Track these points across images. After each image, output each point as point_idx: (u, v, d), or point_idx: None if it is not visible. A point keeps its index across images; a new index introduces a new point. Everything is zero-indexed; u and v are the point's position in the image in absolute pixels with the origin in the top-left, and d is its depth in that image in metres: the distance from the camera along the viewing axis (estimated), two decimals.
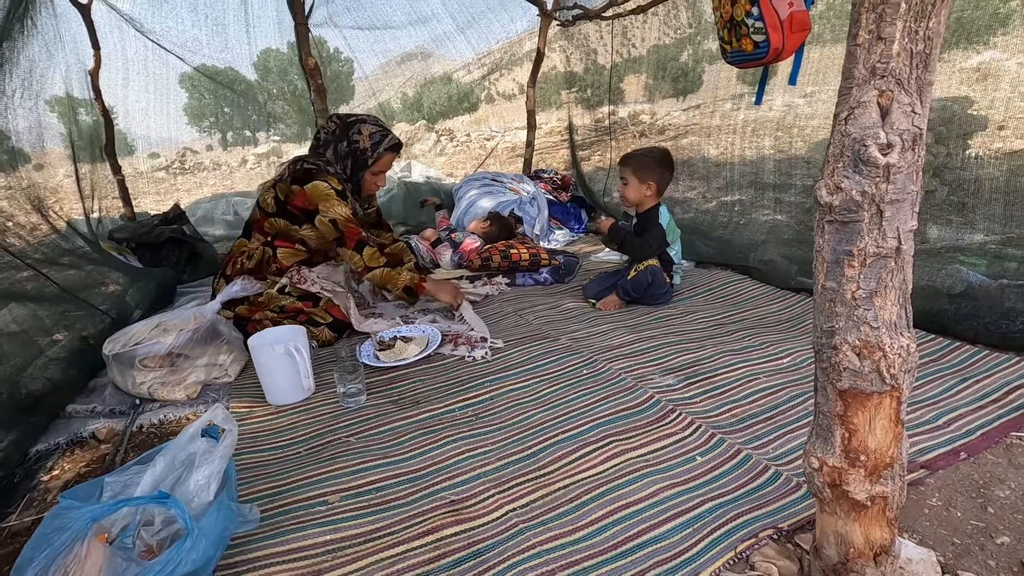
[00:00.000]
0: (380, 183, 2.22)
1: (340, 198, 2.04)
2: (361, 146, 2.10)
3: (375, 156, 2.11)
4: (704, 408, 1.50)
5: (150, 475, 0.94)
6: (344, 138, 2.11)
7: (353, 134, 2.10)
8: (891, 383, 0.73)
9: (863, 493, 0.78)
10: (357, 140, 2.10)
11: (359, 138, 2.10)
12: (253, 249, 2.17)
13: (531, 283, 2.72)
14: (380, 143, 2.11)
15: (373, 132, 2.11)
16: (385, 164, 2.17)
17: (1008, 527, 1.04)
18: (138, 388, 1.71)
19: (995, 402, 1.43)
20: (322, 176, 2.04)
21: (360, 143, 2.10)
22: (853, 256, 0.72)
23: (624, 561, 1.00)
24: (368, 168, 2.13)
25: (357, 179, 2.16)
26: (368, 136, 2.10)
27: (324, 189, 2.01)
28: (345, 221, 2.03)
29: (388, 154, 2.15)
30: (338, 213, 2.02)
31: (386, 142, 2.12)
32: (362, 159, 2.11)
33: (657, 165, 2.30)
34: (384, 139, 2.12)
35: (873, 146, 0.68)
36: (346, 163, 2.13)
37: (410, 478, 1.29)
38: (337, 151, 2.12)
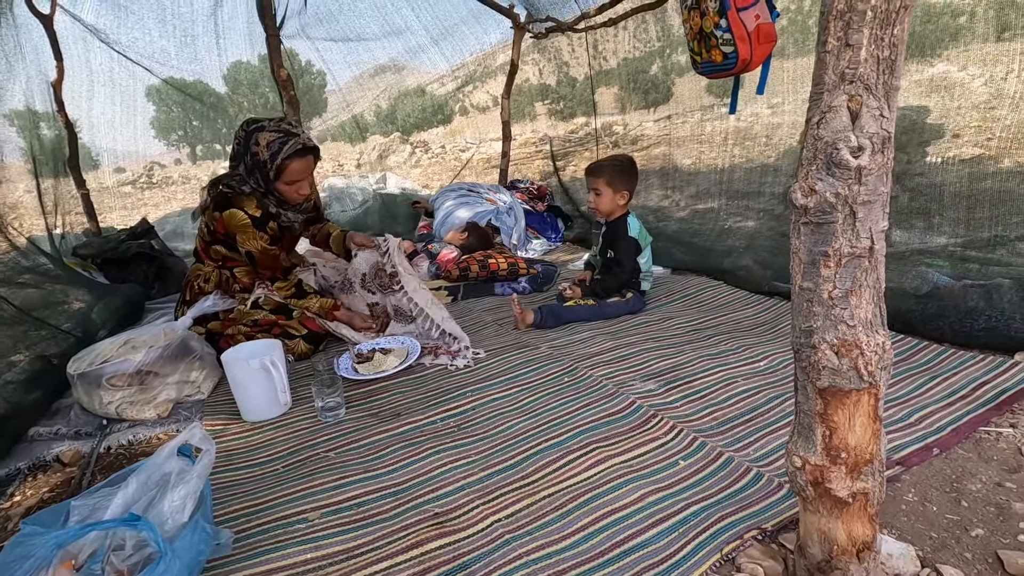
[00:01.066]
0: (301, 191, 1.98)
1: (256, 228, 1.94)
2: (260, 158, 1.86)
3: (275, 168, 1.87)
4: (685, 412, 1.51)
5: (121, 497, 0.90)
6: (247, 150, 1.89)
7: (252, 145, 1.87)
8: (869, 380, 0.75)
9: (845, 490, 0.79)
10: (256, 151, 1.87)
11: (257, 149, 1.86)
12: (209, 272, 2.11)
13: (509, 292, 2.71)
14: (279, 152, 1.85)
15: (271, 141, 1.85)
16: (296, 172, 1.91)
17: (981, 519, 1.07)
18: (105, 408, 1.65)
19: (963, 398, 1.47)
20: (238, 202, 1.92)
21: (259, 155, 1.86)
22: (829, 256, 0.74)
23: (612, 568, 0.99)
24: (277, 180, 1.91)
25: (273, 190, 1.96)
26: (266, 146, 1.85)
27: (239, 219, 1.92)
28: (260, 254, 2.00)
29: (294, 162, 1.88)
30: (253, 247, 1.97)
31: (286, 150, 1.85)
32: (265, 171, 1.88)
33: (628, 173, 2.31)
34: (284, 146, 1.85)
35: (845, 149, 0.70)
36: (255, 176, 1.93)
37: (392, 492, 1.27)
38: (246, 165, 1.92)
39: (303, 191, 2.00)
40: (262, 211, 1.97)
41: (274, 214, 2.03)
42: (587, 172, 2.37)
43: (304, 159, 1.93)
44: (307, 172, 2.00)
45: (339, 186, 4.89)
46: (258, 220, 1.96)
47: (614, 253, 2.34)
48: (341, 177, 5.95)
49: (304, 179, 2.00)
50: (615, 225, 2.36)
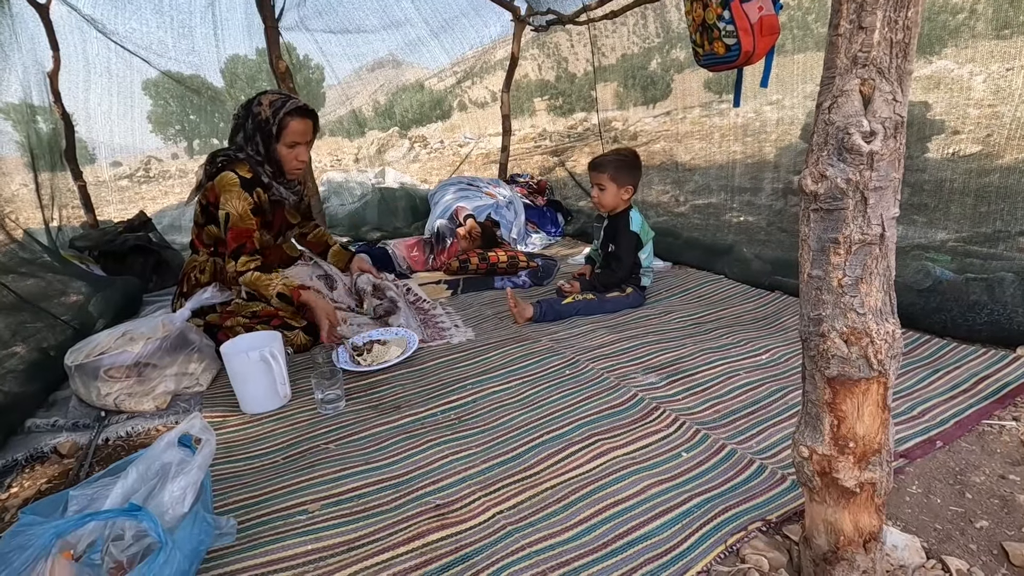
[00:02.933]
0: (300, 157, 2.03)
1: (243, 188, 1.94)
2: (263, 116, 1.94)
3: (278, 123, 1.94)
4: (687, 405, 1.51)
5: (120, 487, 0.89)
6: (248, 115, 1.97)
7: (254, 107, 1.96)
8: (878, 368, 0.74)
9: (852, 480, 0.78)
10: (258, 112, 1.95)
11: (259, 109, 1.95)
12: (203, 263, 2.10)
13: (510, 286, 2.70)
14: (281, 108, 1.94)
15: (274, 100, 1.96)
16: (296, 133, 1.97)
17: (986, 511, 1.06)
18: (103, 400, 1.64)
19: (965, 392, 1.47)
20: (231, 166, 1.95)
21: (261, 113, 1.94)
22: (839, 244, 0.73)
23: (615, 559, 0.99)
24: (278, 140, 1.96)
25: (273, 157, 2.00)
26: (268, 104, 1.95)
27: (229, 179, 1.93)
28: (238, 218, 1.93)
29: (294, 120, 1.95)
30: (233, 207, 1.93)
31: (287, 106, 1.95)
32: (267, 130, 1.95)
33: (632, 167, 2.29)
34: (285, 104, 1.95)
35: (856, 134, 0.69)
36: (255, 141, 1.98)
37: (393, 484, 1.26)
38: (245, 131, 1.98)
39: (302, 157, 2.04)
40: (253, 175, 1.97)
41: (266, 184, 2.02)
42: (590, 167, 2.34)
43: (304, 121, 1.98)
44: (306, 136, 2.02)
45: (337, 180, 4.86)
46: (247, 181, 1.95)
47: (615, 248, 2.32)
48: (340, 171, 5.92)
49: (303, 143, 2.02)
50: (617, 219, 2.34)
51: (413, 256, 3.05)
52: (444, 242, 3.07)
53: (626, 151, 2.35)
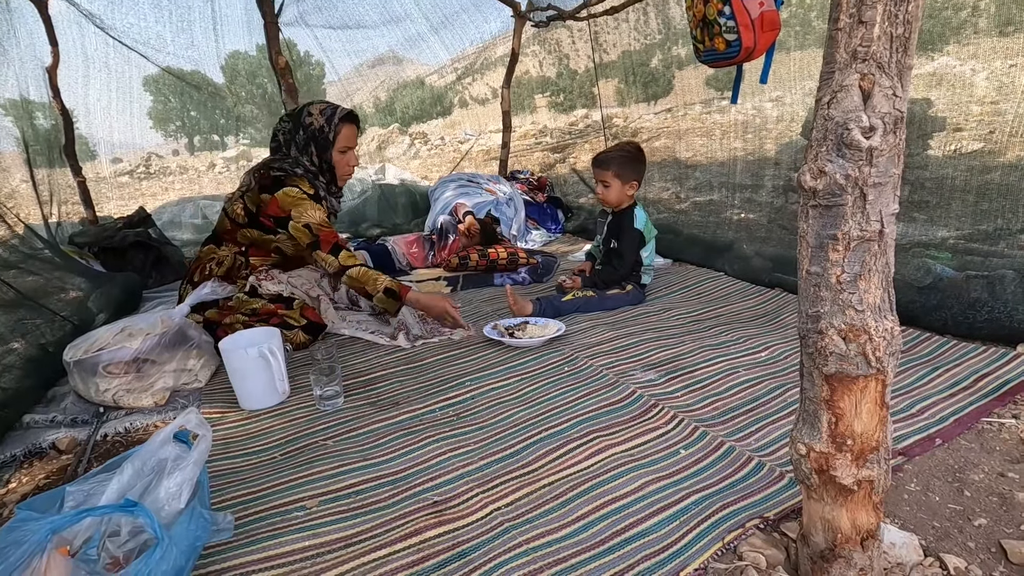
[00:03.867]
0: (351, 162, 2.13)
1: (313, 201, 1.99)
2: (316, 125, 2.02)
3: (333, 130, 2.03)
4: (686, 402, 1.50)
5: (116, 483, 0.89)
6: (299, 127, 2.04)
7: (304, 118, 2.04)
8: (877, 366, 0.73)
9: (850, 478, 0.78)
10: (310, 122, 2.03)
11: (311, 119, 2.03)
12: (223, 256, 2.11)
13: (509, 283, 2.70)
14: (333, 115, 2.04)
15: (323, 108, 2.05)
16: (348, 139, 2.08)
17: (984, 509, 1.06)
18: (102, 396, 1.64)
19: (965, 390, 1.47)
20: (291, 181, 1.99)
21: (314, 123, 2.02)
22: (837, 240, 0.72)
23: (612, 556, 0.99)
24: (333, 146, 2.05)
25: (328, 164, 2.07)
26: (320, 113, 2.04)
27: (296, 195, 1.97)
28: (319, 225, 1.98)
29: (345, 125, 2.06)
30: (312, 217, 1.97)
31: (339, 112, 2.05)
32: (322, 138, 2.03)
33: (637, 162, 2.28)
34: (336, 111, 2.05)
35: (856, 129, 0.68)
36: (310, 151, 2.05)
37: (391, 480, 1.26)
38: (297, 143, 2.04)
39: (353, 162, 2.14)
40: (314, 192, 2.03)
41: (323, 197, 2.08)
42: (594, 163, 2.33)
43: (351, 127, 2.09)
44: (353, 141, 2.11)
45: None
46: (313, 196, 2.01)
47: (617, 244, 2.32)
48: None
49: (353, 148, 2.11)
50: (621, 216, 2.33)
51: (413, 253, 3.04)
52: (447, 238, 3.07)
53: (630, 146, 2.34)
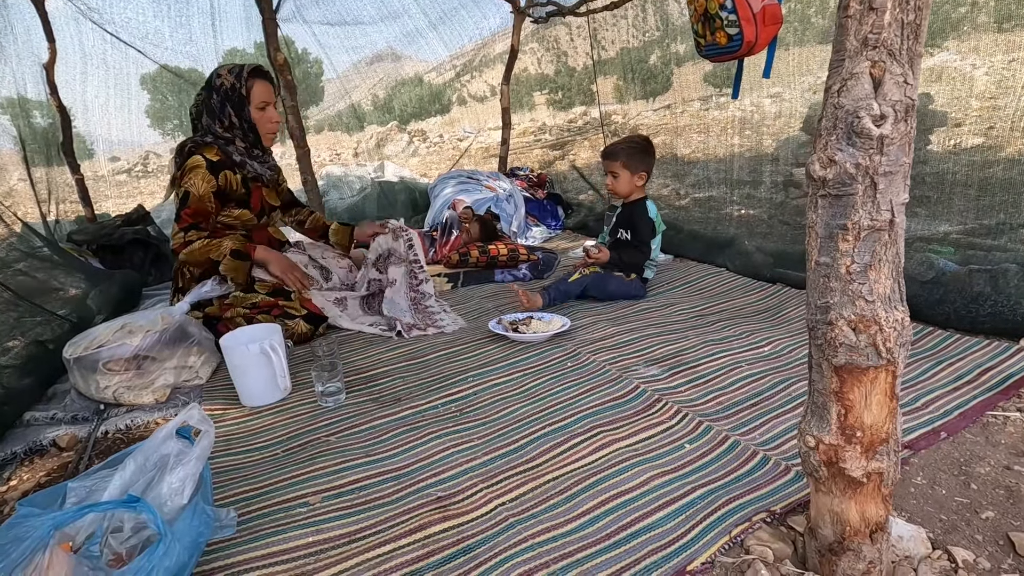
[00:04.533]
0: (273, 119, 2.11)
1: (209, 171, 1.97)
2: (227, 84, 2.01)
3: (244, 85, 2.01)
4: (689, 397, 1.50)
5: (119, 479, 0.88)
6: (211, 91, 2.03)
7: (215, 80, 2.03)
8: (887, 357, 0.73)
9: (859, 470, 0.78)
10: (220, 83, 2.01)
11: (221, 80, 2.02)
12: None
13: (510, 279, 2.69)
14: (242, 72, 2.03)
15: (232, 68, 2.04)
16: (263, 94, 2.05)
17: (991, 502, 1.06)
18: (102, 393, 1.63)
19: (969, 383, 1.46)
20: (199, 150, 1.99)
21: (224, 83, 2.01)
22: (847, 230, 0.72)
23: (619, 550, 0.98)
24: (249, 102, 2.03)
25: (248, 123, 2.05)
26: (228, 72, 2.02)
27: (194, 162, 1.97)
28: (197, 199, 1.96)
29: (257, 81, 2.04)
30: (195, 187, 1.96)
31: (246, 69, 2.04)
32: (236, 96, 2.01)
33: (645, 153, 2.30)
34: (244, 68, 2.04)
35: (867, 117, 0.67)
36: (226, 112, 2.02)
37: (394, 476, 1.25)
38: (212, 108, 2.02)
39: (275, 118, 2.11)
40: (222, 158, 2.00)
41: (238, 162, 2.05)
42: (603, 155, 2.36)
43: (265, 83, 2.06)
44: (272, 97, 2.09)
45: (336, 174, 4.85)
46: (213, 164, 1.98)
47: (632, 233, 2.33)
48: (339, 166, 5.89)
49: (272, 103, 2.09)
50: (633, 206, 2.35)
51: None
52: (450, 233, 3.06)
53: (638, 138, 2.37)
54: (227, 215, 2.09)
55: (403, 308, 2.16)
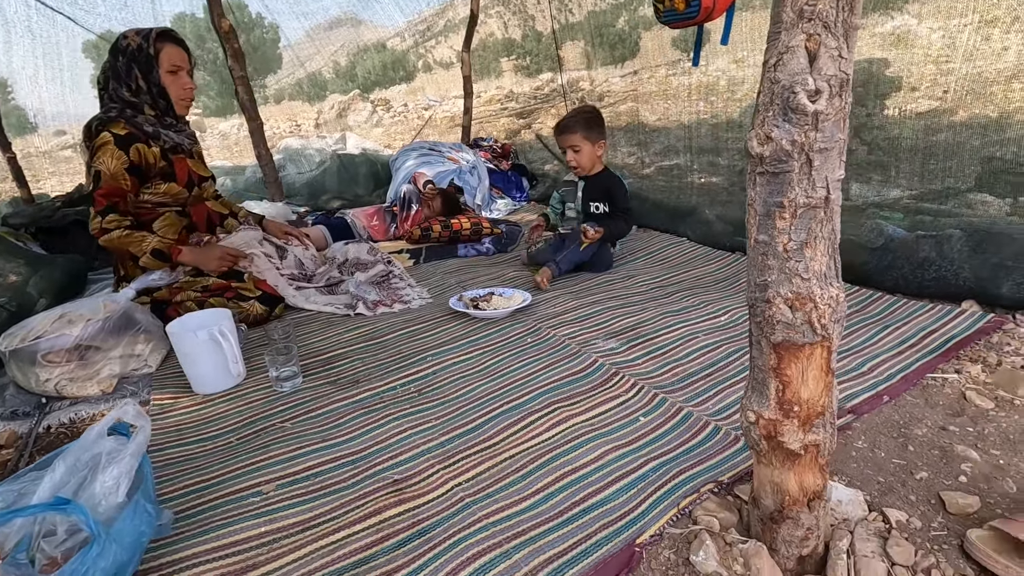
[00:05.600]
0: (186, 85, 1.99)
1: (117, 146, 1.85)
2: (134, 45, 1.89)
3: (152, 46, 1.90)
4: (646, 369, 1.51)
5: (48, 481, 0.84)
6: (117, 54, 1.91)
7: (121, 42, 1.92)
8: (822, 333, 0.74)
9: (797, 443, 0.79)
10: (126, 44, 1.90)
11: (127, 42, 1.90)
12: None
13: (474, 253, 2.66)
14: (150, 33, 1.92)
15: (139, 30, 1.93)
16: (174, 58, 1.94)
17: (926, 463, 1.10)
18: (43, 386, 1.56)
19: (912, 347, 1.51)
20: (106, 126, 1.87)
21: (131, 44, 1.90)
22: (784, 208, 0.71)
23: (571, 527, 0.99)
24: (158, 65, 1.91)
25: (158, 87, 1.94)
26: (136, 34, 1.92)
27: (102, 139, 1.85)
28: (110, 176, 1.84)
29: (167, 44, 1.93)
30: (105, 165, 1.84)
31: (155, 30, 1.93)
32: (143, 57, 1.90)
33: (600, 122, 2.28)
34: (152, 30, 1.93)
35: (802, 92, 0.66)
36: (133, 76, 1.91)
37: (351, 460, 1.24)
38: (118, 71, 1.91)
39: (187, 84, 2.00)
40: (131, 131, 1.89)
41: (150, 133, 1.93)
42: (558, 131, 2.30)
43: (175, 46, 1.95)
44: (185, 62, 1.98)
45: (295, 147, 4.67)
46: (122, 138, 1.86)
47: (612, 204, 2.32)
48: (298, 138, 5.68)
49: (184, 69, 1.97)
50: (599, 178, 2.32)
51: (373, 225, 2.97)
52: (409, 208, 3.00)
53: (588, 107, 2.34)
54: (152, 191, 1.97)
55: (367, 288, 2.13)
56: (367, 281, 2.20)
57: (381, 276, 2.28)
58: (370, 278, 2.23)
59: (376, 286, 2.20)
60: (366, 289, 2.14)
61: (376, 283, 2.23)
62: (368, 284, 2.18)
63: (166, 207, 2.02)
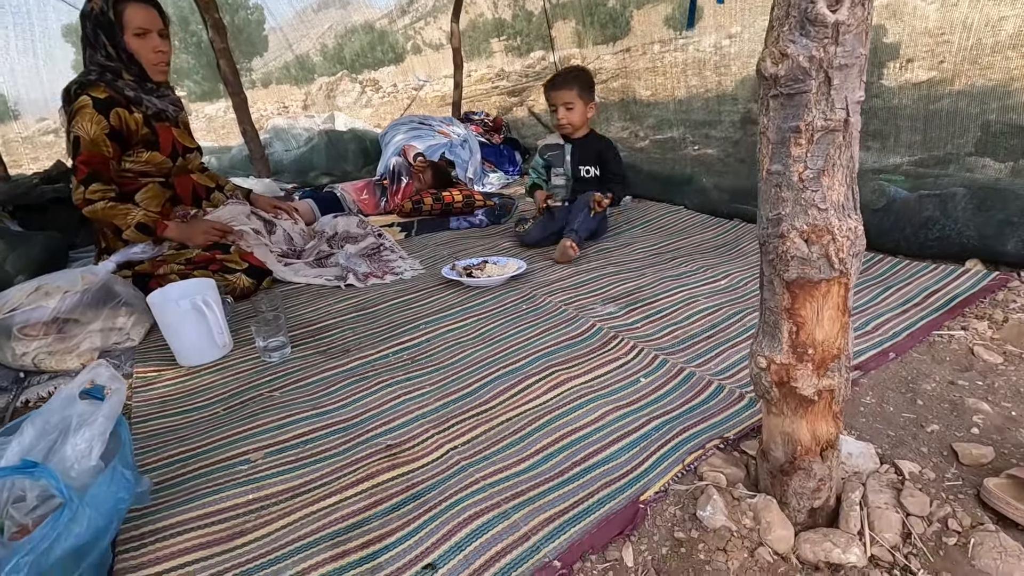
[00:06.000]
0: (158, 48, 1.88)
1: (97, 110, 1.76)
2: (96, 9, 1.79)
3: (112, 8, 1.78)
4: (646, 332, 1.47)
5: (16, 445, 0.79)
6: (84, 22, 1.82)
7: (85, 7, 1.81)
8: (840, 268, 0.69)
9: (811, 388, 0.75)
10: (90, 8, 1.80)
11: (91, 6, 1.80)
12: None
13: (466, 226, 2.60)
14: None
15: None
16: (140, 19, 1.82)
17: (936, 416, 1.07)
18: (20, 360, 1.50)
19: (916, 306, 1.48)
20: (85, 90, 1.78)
21: (94, 7, 1.79)
22: (800, 133, 0.66)
23: (572, 485, 0.95)
24: (122, 29, 1.81)
25: (126, 52, 1.84)
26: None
27: (81, 103, 1.77)
28: (89, 142, 1.76)
29: (129, 4, 1.80)
30: (84, 130, 1.76)
31: None
32: (106, 21, 1.79)
33: (592, 83, 2.23)
34: None
35: (821, 1, 0.61)
36: (100, 44, 1.81)
37: (342, 427, 1.19)
38: (87, 39, 1.82)
39: (160, 47, 1.88)
40: (111, 94, 1.80)
41: (132, 98, 1.85)
42: (552, 86, 2.23)
43: (142, 7, 1.83)
44: (155, 24, 1.86)
45: (282, 125, 4.56)
46: (101, 102, 1.78)
47: (603, 168, 2.26)
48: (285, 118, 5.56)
49: (154, 32, 1.86)
50: (592, 140, 2.27)
51: (363, 199, 2.89)
52: (399, 181, 2.93)
53: (579, 67, 2.30)
54: (134, 160, 1.88)
55: (357, 260, 2.08)
56: (357, 253, 2.15)
57: (372, 249, 2.23)
58: (360, 250, 2.18)
59: (367, 258, 2.15)
60: (356, 261, 2.08)
61: (367, 255, 2.18)
62: (358, 256, 2.13)
63: (149, 177, 1.94)
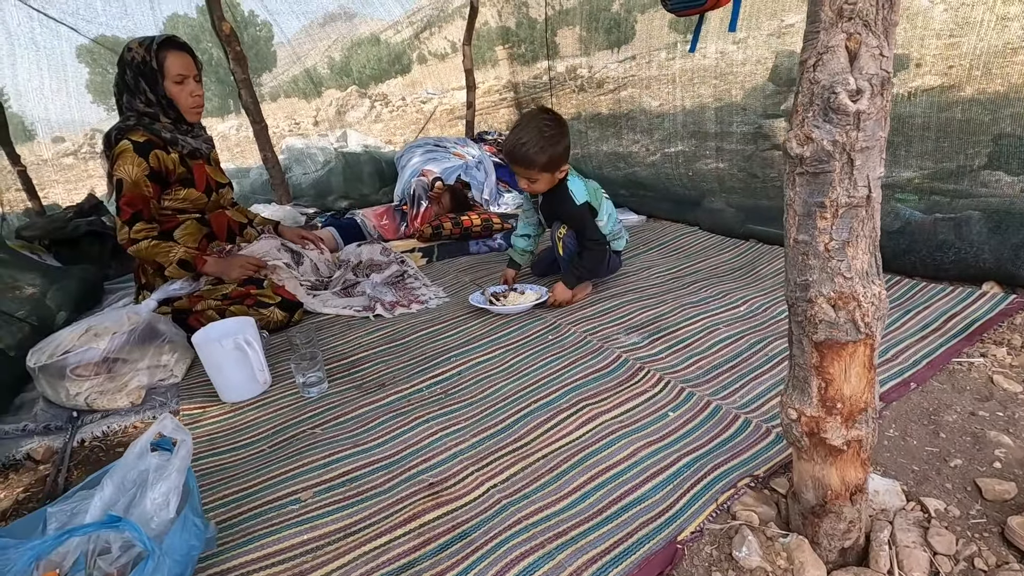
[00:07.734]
0: (194, 92, 1.98)
1: (137, 153, 1.87)
2: (138, 58, 1.89)
3: (155, 58, 1.89)
4: (670, 363, 1.52)
5: (99, 500, 0.86)
6: (124, 67, 1.92)
7: (126, 55, 1.92)
8: (866, 331, 0.74)
9: (840, 439, 0.80)
10: (131, 57, 1.90)
11: (132, 54, 1.91)
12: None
13: (486, 250, 2.66)
14: (151, 43, 1.90)
15: (141, 41, 1.92)
16: (179, 66, 1.92)
17: (959, 450, 1.11)
18: (73, 400, 1.58)
19: (935, 331, 1.51)
20: (125, 135, 1.89)
21: (135, 57, 1.90)
22: (825, 208, 0.71)
23: (611, 525, 1.01)
24: (163, 76, 1.91)
25: (166, 99, 1.94)
26: (139, 45, 1.91)
27: (121, 147, 1.88)
28: (132, 184, 1.86)
29: (169, 53, 1.91)
30: (126, 172, 1.86)
31: (156, 40, 1.92)
32: (148, 70, 1.90)
33: (561, 139, 1.84)
34: (153, 39, 1.92)
35: (843, 93, 0.66)
36: (141, 88, 1.92)
37: (385, 464, 1.25)
38: (128, 85, 1.92)
39: (196, 92, 1.99)
40: (149, 137, 1.91)
41: (168, 140, 1.96)
42: (512, 158, 1.87)
43: (181, 55, 1.94)
44: (191, 69, 1.96)
45: (298, 147, 4.66)
46: (140, 145, 1.89)
47: (579, 235, 1.96)
48: (299, 137, 5.66)
49: (191, 76, 1.96)
50: (552, 196, 1.96)
51: (384, 225, 2.97)
52: (419, 204, 2.99)
53: (548, 120, 1.85)
54: (172, 197, 1.98)
55: (384, 289, 2.15)
56: (383, 282, 2.22)
57: (396, 276, 2.29)
58: (385, 279, 2.25)
59: (392, 287, 2.22)
60: (382, 290, 2.15)
61: (391, 283, 2.24)
62: (384, 285, 2.20)
63: (186, 214, 2.04)
